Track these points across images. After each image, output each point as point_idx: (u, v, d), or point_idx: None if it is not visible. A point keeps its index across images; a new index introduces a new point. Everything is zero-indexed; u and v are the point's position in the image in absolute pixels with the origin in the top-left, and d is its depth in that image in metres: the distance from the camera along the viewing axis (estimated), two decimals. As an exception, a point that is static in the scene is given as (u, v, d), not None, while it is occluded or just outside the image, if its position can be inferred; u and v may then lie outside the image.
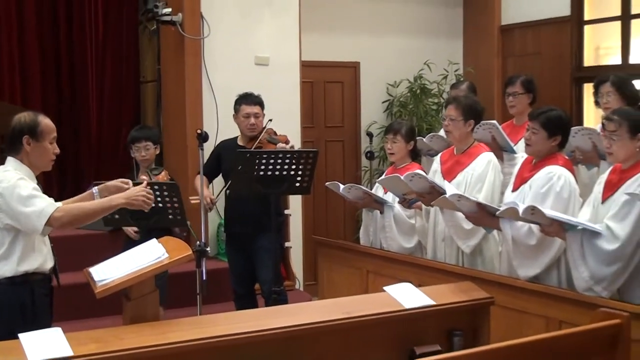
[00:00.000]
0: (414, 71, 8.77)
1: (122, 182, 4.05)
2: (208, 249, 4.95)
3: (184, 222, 5.05)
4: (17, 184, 3.72)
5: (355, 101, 8.76)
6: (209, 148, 5.69)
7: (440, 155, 5.41)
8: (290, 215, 7.14)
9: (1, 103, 6.84)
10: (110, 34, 7.58)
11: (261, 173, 4.98)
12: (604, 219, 4.05)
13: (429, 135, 6.20)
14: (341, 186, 5.44)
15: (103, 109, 7.59)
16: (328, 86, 8.61)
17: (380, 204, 5.41)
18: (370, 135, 8.43)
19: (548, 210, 4.07)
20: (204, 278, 4.81)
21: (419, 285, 3.94)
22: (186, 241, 4.23)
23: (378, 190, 5.61)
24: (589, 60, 8.22)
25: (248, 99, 5.69)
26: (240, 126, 5.71)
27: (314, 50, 8.02)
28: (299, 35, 7.51)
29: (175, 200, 4.83)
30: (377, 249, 5.43)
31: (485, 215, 4.53)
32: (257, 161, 4.96)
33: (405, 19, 8.92)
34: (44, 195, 3.80)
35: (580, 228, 4.02)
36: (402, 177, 4.96)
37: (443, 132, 6.28)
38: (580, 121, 7.98)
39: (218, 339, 3.11)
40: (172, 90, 7.23)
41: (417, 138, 5.73)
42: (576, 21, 8.15)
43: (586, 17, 8.16)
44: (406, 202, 5.19)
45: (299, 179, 5.08)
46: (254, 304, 5.71)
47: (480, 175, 4.95)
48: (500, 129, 5.39)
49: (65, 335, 2.96)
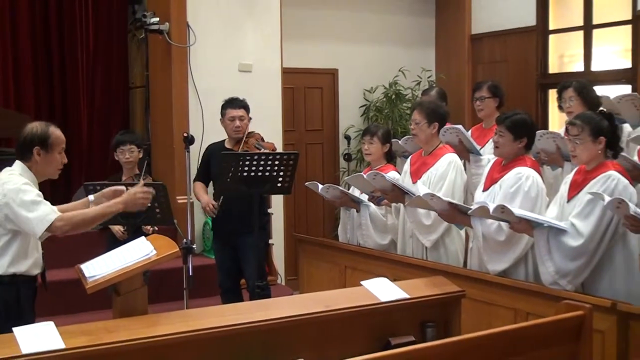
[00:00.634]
0: (389, 77, 8.78)
1: (116, 189, 4.04)
2: (194, 246, 4.94)
3: (171, 221, 5.03)
4: (22, 188, 3.69)
5: (334, 106, 8.77)
6: (194, 150, 5.67)
7: (410, 157, 5.42)
8: (273, 214, 7.11)
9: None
10: (101, 42, 7.54)
11: (245, 174, 4.97)
12: (569, 216, 4.08)
13: (403, 138, 6.21)
14: (320, 186, 5.45)
15: (93, 113, 7.54)
16: (308, 92, 8.61)
17: (356, 203, 5.42)
18: (348, 138, 8.49)
19: (517, 209, 4.10)
20: (191, 274, 4.80)
21: (394, 279, 3.93)
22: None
23: (354, 190, 5.62)
24: (553, 67, 8.26)
25: (234, 103, 5.69)
26: (226, 129, 5.70)
27: (295, 58, 8.02)
28: (280, 44, 7.51)
29: (163, 200, 4.81)
30: (354, 246, 5.43)
31: (456, 213, 4.55)
32: (241, 163, 4.95)
33: (380, 28, 8.93)
34: (47, 201, 3.78)
35: (546, 226, 4.05)
36: (365, 176, 4.98)
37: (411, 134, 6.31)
38: (545, 125, 8.03)
39: (205, 332, 3.10)
40: (160, 96, 7.20)
41: (393, 140, 5.74)
42: (541, 31, 8.19)
43: (551, 27, 8.20)
44: (375, 200, 5.20)
45: (280, 179, 5.07)
46: (239, 298, 5.70)
47: (441, 175, 4.98)
48: (466, 133, 5.40)
49: (58, 328, 2.94)
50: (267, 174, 5.01)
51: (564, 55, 8.26)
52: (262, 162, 4.98)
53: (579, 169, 4.27)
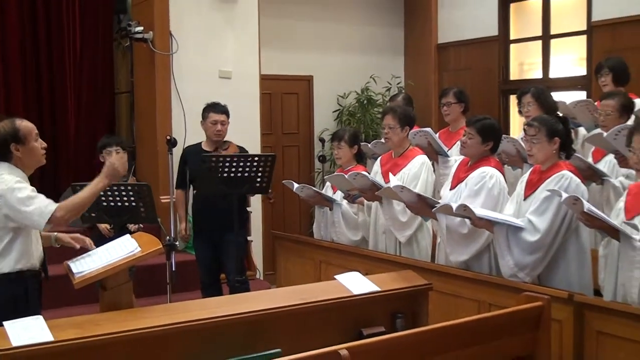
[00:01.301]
0: (361, 84, 8.81)
1: (75, 239, 3.98)
2: (177, 243, 4.92)
3: (155, 219, 5.01)
4: (15, 187, 3.61)
5: (309, 110, 8.77)
6: (177, 152, 5.64)
7: (380, 158, 5.44)
8: (252, 212, 7.13)
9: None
10: (87, 50, 7.47)
11: (225, 175, 4.96)
12: (526, 213, 4.12)
13: (373, 142, 6.25)
14: (295, 185, 5.45)
15: (80, 117, 7.47)
16: (284, 97, 8.61)
17: (329, 202, 5.42)
18: (322, 141, 8.50)
19: (477, 209, 4.12)
20: (174, 269, 4.78)
21: (365, 273, 3.94)
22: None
23: (328, 189, 5.63)
24: (514, 74, 8.33)
25: (216, 108, 5.66)
26: (207, 132, 5.68)
27: (272, 65, 8.02)
28: (259, 52, 7.50)
29: (147, 199, 4.79)
30: (328, 242, 5.44)
31: (424, 206, 4.56)
32: (221, 164, 4.94)
33: (353, 37, 8.95)
34: (41, 195, 3.71)
35: (505, 223, 4.08)
36: (346, 176, 5.00)
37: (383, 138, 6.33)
38: (507, 128, 8.09)
39: (187, 324, 3.09)
40: (144, 101, 7.16)
41: (362, 144, 5.76)
42: (503, 40, 8.25)
43: (512, 37, 8.28)
44: (350, 198, 5.22)
45: (258, 180, 5.08)
46: (219, 292, 5.68)
47: (415, 174, 5.00)
48: (435, 136, 5.44)
49: (47, 322, 2.91)
50: (246, 174, 5.01)
51: (524, 63, 8.34)
52: (242, 164, 4.98)
53: (534, 169, 4.31)
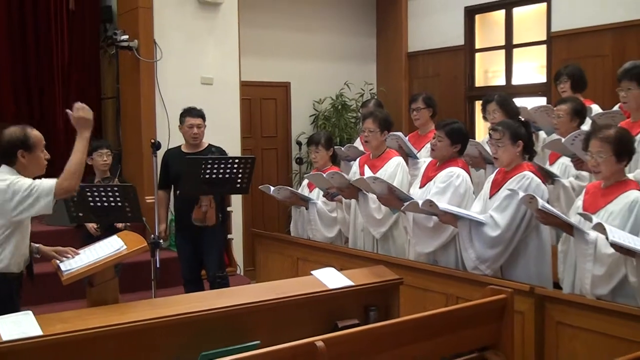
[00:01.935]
0: (336, 90, 8.81)
1: (58, 252, 3.83)
2: (161, 241, 4.89)
3: (140, 219, 4.98)
4: (17, 180, 3.55)
5: (287, 115, 8.76)
6: (161, 155, 5.61)
7: (358, 159, 5.44)
8: (232, 211, 7.12)
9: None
10: (75, 58, 7.41)
11: (207, 176, 4.95)
12: (489, 210, 4.16)
13: (346, 145, 6.26)
14: (272, 188, 5.45)
15: (69, 122, 7.35)
16: (263, 102, 8.59)
17: (305, 202, 5.43)
18: (299, 144, 8.48)
19: (442, 204, 4.16)
20: (158, 266, 4.75)
21: (340, 269, 3.95)
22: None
23: (304, 189, 5.63)
24: (479, 81, 8.37)
25: (192, 112, 5.63)
26: (185, 135, 5.65)
27: (252, 72, 8.00)
28: (239, 59, 7.49)
29: (133, 200, 4.76)
30: (305, 239, 5.44)
31: (393, 199, 4.59)
32: (204, 166, 4.93)
33: (328, 46, 8.96)
34: (37, 180, 3.64)
35: (468, 218, 4.11)
36: (324, 175, 5.01)
37: (358, 143, 6.34)
38: (472, 131, 8.12)
39: (171, 318, 3.08)
40: (130, 106, 7.12)
41: (336, 147, 5.77)
42: (469, 49, 8.29)
43: (477, 46, 8.32)
44: (329, 196, 5.22)
45: (239, 181, 5.06)
46: (200, 287, 5.65)
47: (391, 174, 5.01)
48: (405, 139, 5.45)
49: (36, 317, 2.89)
50: (227, 176, 4.99)
51: (488, 71, 8.38)
52: (223, 166, 4.96)
53: (499, 170, 4.35)
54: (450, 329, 3.15)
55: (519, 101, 5.80)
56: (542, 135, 5.49)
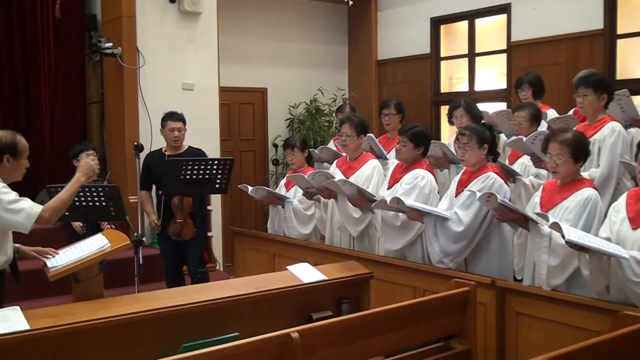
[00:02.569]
0: (310, 95, 8.82)
1: (38, 252, 3.76)
2: (144, 238, 4.86)
3: (124, 217, 4.95)
4: (2, 191, 3.50)
5: (264, 119, 8.74)
6: (144, 157, 5.57)
7: (336, 162, 5.44)
8: (212, 210, 7.09)
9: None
10: (61, 64, 7.32)
11: (187, 177, 4.92)
12: (454, 207, 4.19)
13: (319, 147, 6.26)
14: (249, 188, 5.43)
15: (54, 125, 7.32)
16: (242, 107, 8.56)
17: (281, 200, 5.42)
18: (275, 146, 8.49)
19: (408, 201, 4.19)
20: (141, 262, 4.72)
21: (314, 264, 3.95)
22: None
23: (281, 189, 5.62)
24: (444, 87, 8.42)
25: (173, 116, 5.60)
26: (166, 138, 5.61)
27: (230, 78, 7.99)
28: (218, 66, 7.46)
29: (117, 200, 4.73)
30: (281, 236, 5.43)
31: (363, 200, 4.61)
32: (184, 167, 4.90)
33: (303, 54, 8.96)
34: (25, 198, 3.57)
35: (433, 214, 4.14)
36: (306, 176, 5.01)
37: (331, 144, 6.34)
38: (438, 135, 8.17)
39: (154, 312, 3.07)
40: (114, 110, 7.07)
41: (310, 149, 5.77)
42: (434, 58, 8.34)
43: (442, 55, 8.36)
44: (309, 194, 5.22)
45: (218, 181, 5.05)
46: (182, 282, 5.62)
47: (367, 177, 5.03)
48: (376, 141, 5.47)
49: (23, 312, 2.86)
50: (207, 177, 4.97)
51: (453, 77, 8.43)
52: (203, 167, 4.94)
53: (465, 170, 4.39)
54: (418, 320, 3.17)
55: (481, 106, 5.84)
56: (503, 137, 5.54)
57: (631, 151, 4.30)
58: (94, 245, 3.48)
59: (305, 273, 3.70)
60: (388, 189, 4.74)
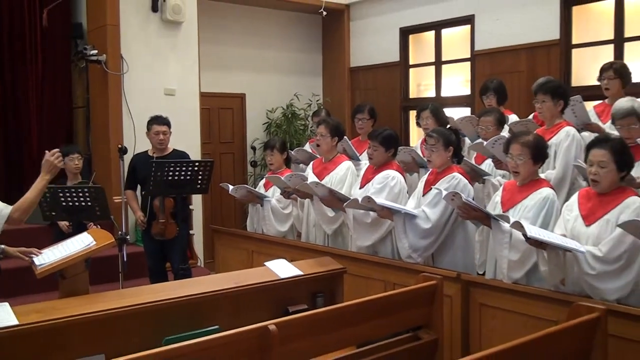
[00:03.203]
0: (287, 100, 8.82)
1: (23, 252, 3.66)
2: (128, 237, 4.83)
3: (108, 217, 4.91)
4: None
5: (242, 123, 8.72)
6: (128, 159, 5.53)
7: (312, 163, 5.45)
8: (193, 209, 7.06)
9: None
10: (48, 70, 7.27)
11: (170, 178, 4.90)
12: (422, 206, 4.22)
13: (295, 149, 6.26)
14: (230, 187, 5.42)
15: (42, 129, 7.25)
16: (221, 111, 8.54)
17: (260, 199, 5.41)
18: (253, 148, 8.48)
19: (379, 199, 4.21)
20: (125, 260, 4.69)
21: (291, 260, 3.95)
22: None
23: (260, 188, 5.62)
24: (412, 93, 8.47)
25: (158, 120, 5.56)
26: (151, 141, 5.57)
27: (210, 84, 7.97)
28: (199, 72, 7.43)
29: (102, 200, 4.69)
30: (259, 234, 5.42)
31: (334, 200, 4.62)
32: (167, 169, 4.88)
33: (279, 61, 8.95)
34: None
35: (403, 212, 4.16)
36: (283, 177, 5.02)
37: (307, 146, 6.34)
38: (407, 137, 8.23)
39: (138, 306, 3.05)
40: (99, 114, 7.01)
41: (288, 151, 5.77)
42: (403, 65, 8.39)
43: (410, 62, 8.42)
44: (286, 194, 5.22)
45: (199, 182, 5.02)
46: (165, 278, 5.58)
47: (341, 178, 5.04)
48: (349, 143, 5.49)
49: (12, 308, 2.83)
50: (189, 177, 4.95)
51: (421, 84, 8.48)
52: (184, 169, 4.92)
53: (431, 171, 4.42)
54: (388, 312, 3.19)
55: (447, 111, 5.89)
56: (467, 141, 5.59)
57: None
58: (80, 243, 3.44)
59: (282, 269, 3.71)
60: (360, 188, 4.76)
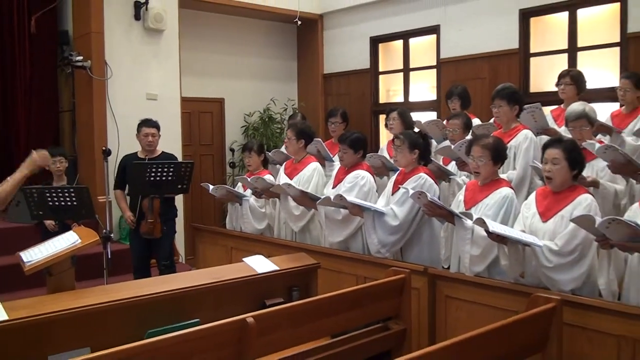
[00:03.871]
0: (264, 105, 8.80)
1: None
2: (112, 235, 4.78)
3: (93, 216, 4.86)
4: None
5: (222, 126, 8.69)
6: (112, 160, 5.48)
7: (285, 163, 5.46)
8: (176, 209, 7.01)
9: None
10: (35, 76, 7.19)
11: (152, 179, 4.86)
12: (390, 204, 4.25)
13: (272, 151, 6.26)
14: (211, 187, 5.40)
15: (30, 132, 7.17)
16: (201, 115, 8.49)
17: (239, 198, 5.40)
18: (232, 150, 8.44)
19: (350, 197, 4.23)
20: (109, 257, 4.64)
21: (268, 256, 3.95)
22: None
23: (239, 188, 5.60)
24: (382, 98, 8.50)
25: (148, 122, 5.51)
26: (141, 143, 5.51)
27: (191, 89, 7.92)
28: (180, 78, 7.38)
29: (86, 199, 4.65)
30: (237, 231, 5.41)
31: (306, 199, 4.64)
32: (148, 170, 4.84)
33: (257, 68, 8.93)
34: None
35: (372, 209, 4.19)
36: (249, 180, 5.03)
37: (283, 148, 6.35)
38: (377, 140, 8.26)
39: (122, 301, 3.03)
40: (84, 118, 6.93)
41: (266, 153, 5.77)
42: (373, 72, 8.43)
43: (380, 69, 8.46)
44: (257, 194, 5.22)
45: (180, 182, 5.00)
46: (148, 275, 5.53)
47: (308, 177, 5.06)
48: (323, 145, 5.51)
49: (2, 304, 2.79)
50: (170, 178, 4.93)
51: (390, 90, 8.52)
52: (166, 170, 4.90)
53: (400, 172, 4.45)
54: (360, 304, 3.20)
55: (414, 115, 5.93)
56: (434, 143, 5.64)
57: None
58: (66, 241, 3.40)
59: (260, 264, 3.71)
60: (333, 187, 4.78)
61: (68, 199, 4.61)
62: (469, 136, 4.95)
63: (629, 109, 4.82)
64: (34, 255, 3.38)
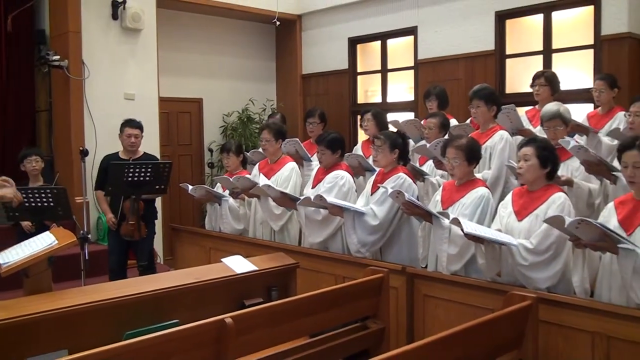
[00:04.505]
0: (242, 105, 8.77)
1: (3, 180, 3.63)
2: (89, 236, 4.74)
3: (70, 217, 4.80)
4: None
5: (200, 126, 8.64)
6: (89, 161, 5.43)
7: (258, 163, 5.45)
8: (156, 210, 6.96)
9: None
10: (12, 75, 7.11)
11: (129, 179, 4.82)
12: (370, 204, 4.27)
13: (251, 151, 6.25)
14: (190, 187, 5.37)
15: (6, 132, 7.08)
16: (179, 115, 8.44)
17: (218, 199, 5.38)
18: (210, 150, 8.40)
19: (330, 198, 4.24)
20: (86, 258, 4.60)
21: (246, 256, 3.93)
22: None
23: (218, 188, 5.58)
24: (360, 99, 8.53)
25: (131, 123, 5.45)
26: (123, 143, 5.45)
27: (169, 89, 7.87)
28: (157, 78, 7.33)
29: (64, 200, 4.59)
30: (216, 232, 5.39)
31: (286, 200, 4.64)
32: (126, 170, 4.80)
33: (235, 68, 8.90)
34: None
35: (352, 209, 4.20)
36: (232, 179, 5.00)
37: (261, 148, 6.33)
38: (355, 140, 8.26)
39: (100, 302, 2.99)
40: (61, 118, 6.85)
41: (245, 153, 5.75)
42: (352, 72, 8.45)
43: (358, 70, 8.48)
44: (234, 194, 5.21)
45: (158, 183, 4.96)
46: (125, 277, 5.47)
47: (286, 177, 5.07)
48: (301, 145, 5.51)
49: (-23, 306, 2.74)
50: (148, 179, 4.88)
51: (368, 90, 8.55)
52: (144, 170, 4.85)
53: (378, 172, 4.47)
54: (338, 304, 3.21)
55: (392, 115, 5.96)
56: (411, 143, 5.67)
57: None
58: (43, 242, 3.36)
59: (238, 264, 3.69)
60: (312, 188, 4.79)
61: (45, 199, 4.56)
62: (446, 136, 5.00)
63: (605, 110, 4.90)
64: (10, 256, 3.33)
